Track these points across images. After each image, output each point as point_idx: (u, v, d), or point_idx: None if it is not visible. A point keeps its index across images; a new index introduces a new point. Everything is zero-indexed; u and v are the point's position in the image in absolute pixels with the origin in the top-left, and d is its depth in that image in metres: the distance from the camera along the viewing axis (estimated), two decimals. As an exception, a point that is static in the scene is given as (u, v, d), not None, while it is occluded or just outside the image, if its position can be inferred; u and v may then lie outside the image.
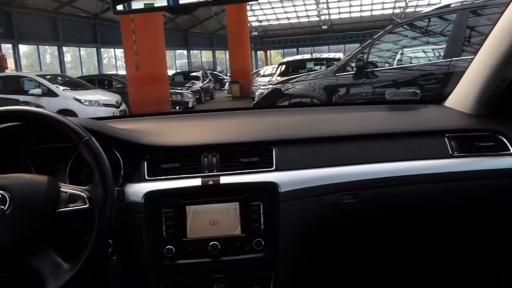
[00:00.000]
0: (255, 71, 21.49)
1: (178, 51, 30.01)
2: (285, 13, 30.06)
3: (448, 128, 1.40)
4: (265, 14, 30.21)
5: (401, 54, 5.26)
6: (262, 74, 17.66)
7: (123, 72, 14.75)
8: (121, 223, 1.08)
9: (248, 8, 22.26)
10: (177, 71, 22.94)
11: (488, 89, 1.39)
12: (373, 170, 1.31)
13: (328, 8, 29.10)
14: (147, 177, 1.26)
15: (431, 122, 1.49)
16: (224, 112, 1.80)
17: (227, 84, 19.14)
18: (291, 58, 13.22)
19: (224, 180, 1.25)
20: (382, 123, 1.52)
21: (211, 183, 1.24)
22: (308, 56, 13.59)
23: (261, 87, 7.68)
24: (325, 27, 30.40)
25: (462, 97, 1.51)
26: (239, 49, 17.75)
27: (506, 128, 1.38)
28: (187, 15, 1.08)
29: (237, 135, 1.37)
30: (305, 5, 28.60)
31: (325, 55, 12.90)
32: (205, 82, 18.06)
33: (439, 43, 4.99)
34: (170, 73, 16.61)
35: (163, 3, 1.03)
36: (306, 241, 1.27)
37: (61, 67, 20.56)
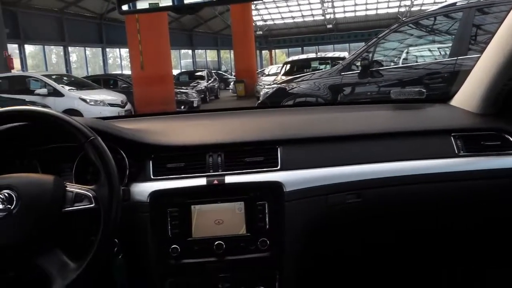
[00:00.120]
0: (260, 70, 21.47)
1: (183, 51, 30.08)
2: (290, 12, 30.04)
3: (454, 127, 1.39)
4: (270, 13, 30.21)
5: (407, 53, 5.24)
6: (267, 73, 17.64)
7: (128, 72, 14.81)
8: (126, 222, 1.09)
9: (252, 7, 22.28)
10: (182, 70, 23.03)
11: (494, 87, 1.38)
12: (379, 169, 1.30)
13: (333, 7, 29.05)
14: (152, 177, 1.27)
15: (437, 121, 1.49)
16: (229, 111, 1.80)
17: (232, 83, 19.15)
18: (296, 57, 13.18)
19: (229, 179, 1.25)
20: (387, 122, 1.52)
21: (216, 182, 1.24)
22: (313, 55, 13.57)
23: (266, 87, 7.67)
24: (330, 26, 30.33)
25: (468, 96, 1.50)
26: (244, 49, 17.74)
27: None
28: (192, 14, 1.08)
29: (242, 135, 1.37)
30: (310, 4, 28.57)
31: (330, 54, 12.87)
32: (210, 81, 18.09)
33: (445, 41, 4.96)
34: (175, 72, 16.67)
35: (168, 3, 1.03)
36: (311, 240, 1.27)
37: (67, 67, 20.69)
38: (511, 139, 1.36)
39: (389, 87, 4.71)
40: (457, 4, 4.60)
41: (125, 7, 1.04)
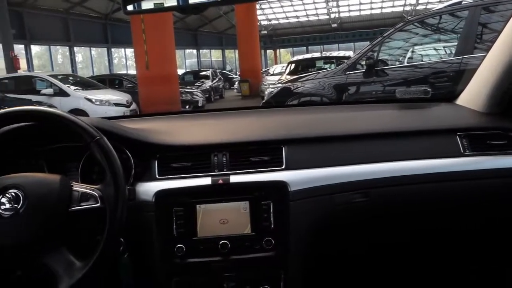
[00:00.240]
0: (264, 70, 21.46)
1: (187, 51, 30.11)
2: (295, 11, 30.00)
3: (459, 126, 1.39)
4: (274, 12, 30.18)
5: (412, 52, 5.22)
6: (271, 73, 17.63)
7: (133, 71, 14.86)
8: (132, 221, 1.09)
9: (257, 7, 22.25)
10: (187, 70, 23.06)
11: (500, 86, 1.37)
12: (384, 169, 1.30)
13: (338, 6, 28.98)
14: (157, 176, 1.27)
15: (443, 120, 1.48)
16: (233, 111, 1.80)
17: (236, 83, 19.15)
18: (300, 56, 13.14)
19: (234, 179, 1.25)
20: (392, 121, 1.51)
21: (221, 182, 1.24)
22: (317, 54, 13.57)
23: (271, 86, 7.67)
24: (334, 25, 30.26)
25: (474, 95, 1.49)
26: (248, 48, 17.74)
27: None
28: (196, 14, 1.08)
29: (246, 134, 1.37)
30: (314, 3, 28.51)
31: (335, 54, 12.83)
32: (214, 81, 18.10)
33: (450, 40, 4.94)
34: (180, 72, 16.67)
35: (173, 3, 1.03)
36: (316, 240, 1.27)
37: (73, 67, 20.77)
38: None
39: (394, 86, 4.69)
40: (463, 2, 4.58)
41: (130, 8, 1.05)
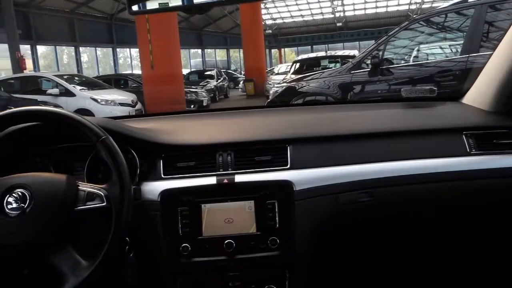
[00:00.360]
0: (269, 69, 21.46)
1: (192, 50, 30.16)
2: (299, 10, 29.94)
3: (465, 125, 1.38)
4: (279, 12, 30.14)
5: (417, 50, 5.19)
6: (276, 72, 17.62)
7: (138, 71, 14.91)
8: (137, 221, 1.10)
9: (262, 6, 22.24)
10: (192, 70, 23.08)
11: (507, 85, 1.36)
12: (390, 168, 1.30)
13: (342, 5, 28.89)
14: (163, 176, 1.27)
15: (448, 119, 1.47)
16: (238, 110, 1.81)
17: (241, 82, 19.15)
18: (305, 56, 13.11)
19: (239, 178, 1.25)
20: (398, 120, 1.51)
21: (226, 181, 1.24)
22: (322, 53, 13.52)
23: (276, 85, 7.65)
24: (339, 24, 30.17)
25: (480, 93, 1.49)
26: (253, 48, 17.72)
27: None
28: (201, 14, 1.09)
29: (251, 134, 1.37)
30: (319, 2, 28.43)
31: (340, 53, 12.77)
32: (219, 80, 18.12)
33: (456, 39, 4.91)
34: (184, 72, 16.71)
35: (178, 2, 1.03)
36: (321, 239, 1.27)
37: (78, 67, 20.88)
38: None
39: (399, 85, 4.67)
40: (469, 0, 4.55)
41: (135, 8, 1.05)
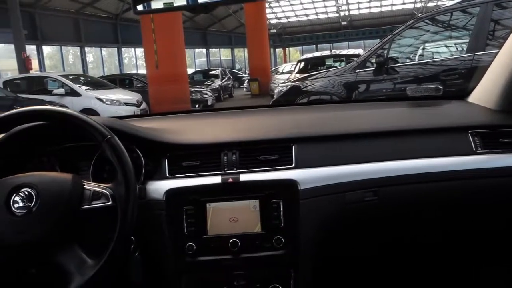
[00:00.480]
0: (273, 68, 21.43)
1: (197, 50, 30.21)
2: (304, 9, 29.89)
3: (471, 124, 1.37)
4: (283, 11, 30.11)
5: (423, 49, 5.17)
6: (281, 71, 17.59)
7: (143, 71, 14.94)
8: (143, 220, 1.10)
9: (266, 5, 22.24)
10: (197, 69, 23.13)
11: None
12: (395, 167, 1.29)
13: (347, 3, 28.81)
14: (168, 175, 1.28)
15: (454, 118, 1.46)
16: (243, 110, 1.81)
17: (246, 82, 19.15)
18: (310, 55, 13.10)
19: (243, 177, 1.25)
20: (403, 119, 1.50)
21: (231, 180, 1.24)
22: (327, 52, 13.50)
23: (280, 85, 7.64)
24: (344, 23, 30.09)
25: (486, 92, 1.48)
26: (257, 47, 17.72)
27: None
28: (206, 14, 1.09)
29: (256, 133, 1.37)
30: (324, 1, 28.37)
31: (345, 52, 12.77)
32: (224, 80, 18.13)
33: (462, 37, 4.88)
34: (189, 71, 16.73)
35: (183, 2, 1.03)
36: (326, 238, 1.27)
37: (83, 67, 20.99)
38: None
39: (405, 84, 4.65)
40: (474, -1, 4.52)
41: (140, 7, 1.05)
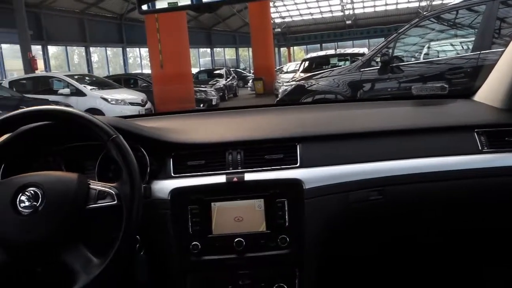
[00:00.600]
0: (278, 67, 21.43)
1: (201, 49, 30.26)
2: (308, 8, 29.85)
3: (477, 123, 1.36)
4: (288, 10, 30.09)
5: (428, 48, 5.14)
6: (285, 70, 17.59)
7: (148, 71, 14.97)
8: (148, 219, 1.10)
9: (271, 4, 22.23)
10: (201, 69, 23.15)
11: None
12: (400, 166, 1.29)
13: (352, 2, 28.74)
14: (172, 174, 1.28)
15: (460, 117, 1.46)
16: (248, 109, 1.81)
17: (250, 81, 19.16)
18: (314, 54, 13.06)
19: (248, 177, 1.25)
20: (408, 118, 1.50)
21: (235, 180, 1.24)
22: (331, 51, 13.45)
23: (285, 84, 7.63)
24: (349, 22, 30.02)
25: (492, 91, 1.47)
26: (262, 46, 17.72)
27: None
28: (210, 13, 1.09)
29: (261, 132, 1.37)
30: (328, 0, 28.32)
31: (349, 51, 12.74)
32: (228, 79, 18.14)
33: (467, 36, 4.85)
34: (194, 71, 16.75)
35: (187, 2, 1.04)
36: (331, 237, 1.27)
37: (89, 67, 21.08)
38: None
39: (410, 83, 4.63)
40: (480, -3, 4.49)
41: (144, 7, 1.06)
